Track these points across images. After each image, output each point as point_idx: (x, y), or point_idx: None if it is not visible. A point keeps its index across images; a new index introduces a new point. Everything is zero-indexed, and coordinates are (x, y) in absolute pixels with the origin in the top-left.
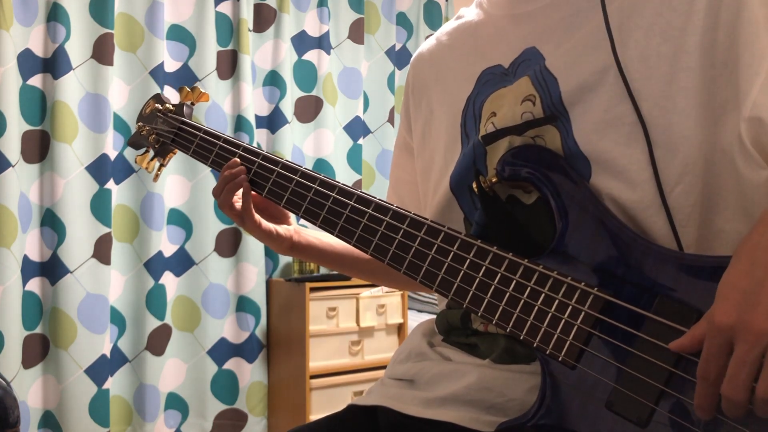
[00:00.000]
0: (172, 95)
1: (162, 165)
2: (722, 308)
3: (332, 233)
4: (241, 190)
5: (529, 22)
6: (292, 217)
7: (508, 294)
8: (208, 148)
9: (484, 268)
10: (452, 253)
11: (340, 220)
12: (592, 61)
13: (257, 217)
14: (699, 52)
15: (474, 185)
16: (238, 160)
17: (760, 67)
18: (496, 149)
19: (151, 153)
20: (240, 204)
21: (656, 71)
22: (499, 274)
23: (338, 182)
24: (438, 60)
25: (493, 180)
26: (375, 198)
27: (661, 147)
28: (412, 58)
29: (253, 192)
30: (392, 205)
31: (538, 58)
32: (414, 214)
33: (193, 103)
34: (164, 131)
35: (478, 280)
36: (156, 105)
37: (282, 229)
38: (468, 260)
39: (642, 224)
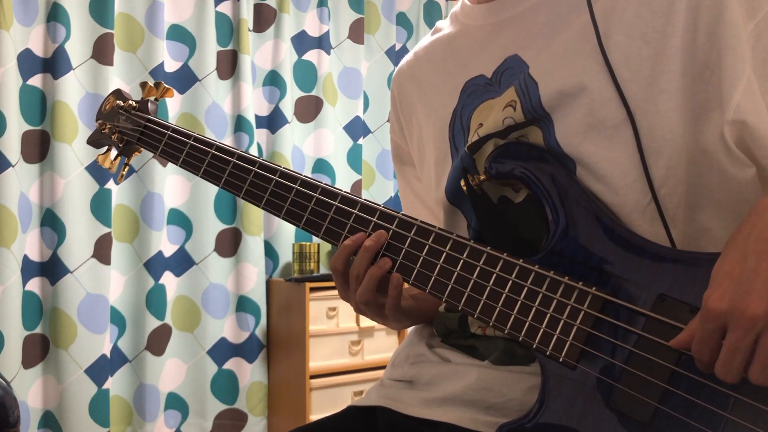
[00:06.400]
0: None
1: (126, 164)
2: (716, 294)
3: (317, 234)
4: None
5: (509, 29)
6: None
7: (504, 295)
8: (178, 148)
9: (478, 269)
10: (444, 254)
11: (315, 219)
12: (574, 64)
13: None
14: (680, 54)
15: (462, 183)
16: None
17: (743, 71)
18: (482, 155)
19: (114, 152)
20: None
21: (638, 74)
22: (494, 275)
23: (321, 182)
24: (419, 75)
25: (482, 178)
26: (360, 198)
27: (644, 150)
28: (393, 74)
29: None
30: (379, 205)
31: (522, 65)
32: (402, 214)
33: (157, 99)
34: (128, 129)
35: (472, 281)
36: (117, 101)
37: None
38: (461, 261)
39: (628, 227)
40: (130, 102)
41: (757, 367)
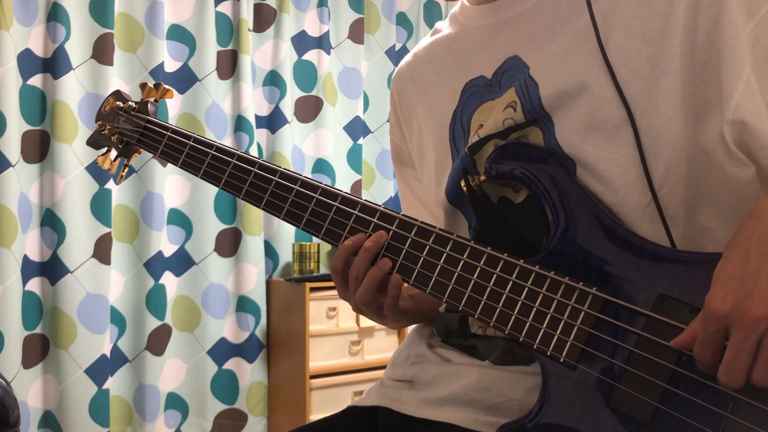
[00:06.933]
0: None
1: (126, 165)
2: (718, 296)
3: (317, 235)
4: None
5: (509, 30)
6: None
7: (504, 295)
8: (178, 149)
9: (478, 269)
10: (445, 254)
11: (315, 220)
12: (574, 65)
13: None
14: (680, 54)
15: (462, 183)
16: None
17: (742, 70)
18: (482, 155)
19: (113, 153)
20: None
21: (637, 74)
22: (495, 276)
23: (321, 183)
24: (418, 76)
25: (482, 179)
26: (361, 199)
27: (644, 150)
28: (393, 75)
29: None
30: (379, 206)
31: (522, 66)
32: (403, 214)
33: (156, 101)
34: (128, 130)
35: (472, 282)
36: (117, 102)
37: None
38: (462, 262)
39: (628, 228)
40: (130, 103)
41: (761, 369)
